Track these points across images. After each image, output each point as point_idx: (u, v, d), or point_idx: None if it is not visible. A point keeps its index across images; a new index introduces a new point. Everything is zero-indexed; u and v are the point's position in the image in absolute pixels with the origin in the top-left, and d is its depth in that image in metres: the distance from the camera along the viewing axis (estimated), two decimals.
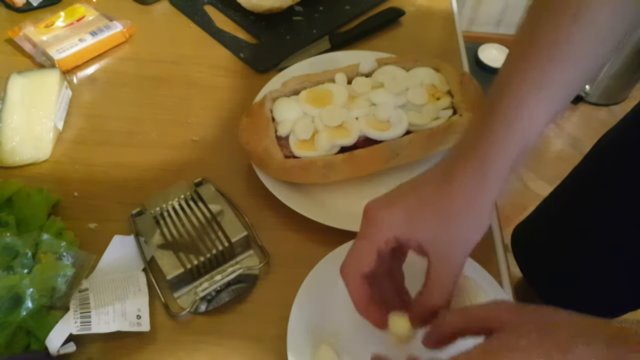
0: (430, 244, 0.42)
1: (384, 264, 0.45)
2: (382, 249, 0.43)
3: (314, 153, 0.62)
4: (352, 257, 0.44)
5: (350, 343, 0.54)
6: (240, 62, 0.82)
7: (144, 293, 0.55)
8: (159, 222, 0.59)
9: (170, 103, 0.76)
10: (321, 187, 0.65)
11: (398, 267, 0.47)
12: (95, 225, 0.62)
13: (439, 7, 0.95)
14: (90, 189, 0.66)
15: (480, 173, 0.42)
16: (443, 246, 0.42)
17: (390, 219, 0.42)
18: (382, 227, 0.43)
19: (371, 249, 0.43)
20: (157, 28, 0.88)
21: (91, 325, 0.51)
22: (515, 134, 0.41)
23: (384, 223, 0.42)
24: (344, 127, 0.63)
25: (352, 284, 0.44)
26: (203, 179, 0.65)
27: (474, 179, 0.42)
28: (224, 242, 0.57)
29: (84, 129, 0.73)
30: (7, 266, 0.53)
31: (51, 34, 0.79)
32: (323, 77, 0.69)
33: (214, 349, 0.54)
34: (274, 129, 0.64)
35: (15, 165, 0.67)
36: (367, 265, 0.43)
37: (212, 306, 0.56)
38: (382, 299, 0.45)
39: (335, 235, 0.59)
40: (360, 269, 0.44)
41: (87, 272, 0.56)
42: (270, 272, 0.60)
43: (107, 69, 0.81)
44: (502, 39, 2.24)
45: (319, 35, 0.86)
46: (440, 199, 0.42)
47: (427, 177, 0.44)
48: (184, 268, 0.55)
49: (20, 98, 0.70)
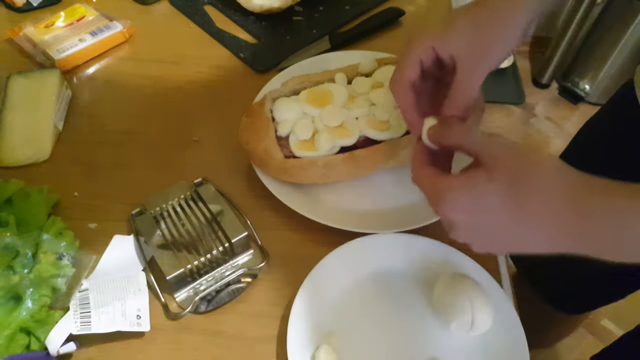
0: (461, 53, 0.47)
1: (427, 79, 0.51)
2: (424, 58, 0.48)
3: (314, 153, 0.62)
4: (399, 68, 0.50)
5: (350, 343, 0.54)
6: (240, 62, 0.82)
7: (144, 293, 0.55)
8: (159, 222, 0.59)
9: (170, 103, 0.76)
10: (321, 187, 0.65)
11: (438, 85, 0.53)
12: (95, 225, 0.62)
13: (439, 7, 0.95)
14: (90, 189, 0.66)
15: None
16: (471, 56, 0.47)
17: (429, 31, 0.49)
18: (422, 37, 0.48)
19: (414, 59, 0.48)
20: (157, 28, 0.88)
21: (91, 325, 0.51)
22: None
23: (424, 35, 0.49)
24: (344, 127, 0.63)
25: (399, 91, 0.50)
26: (203, 179, 0.65)
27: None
28: (224, 242, 0.57)
29: (84, 129, 0.73)
30: (7, 266, 0.53)
31: (51, 34, 0.79)
32: (323, 77, 0.69)
33: (214, 349, 0.54)
34: (274, 129, 0.64)
35: (15, 165, 0.67)
36: (412, 73, 0.49)
37: (212, 306, 0.56)
38: (421, 106, 0.51)
39: (335, 235, 0.59)
40: (406, 77, 0.49)
41: (87, 272, 0.56)
42: (270, 272, 0.60)
43: (107, 69, 0.81)
44: None
45: (319, 35, 0.86)
46: (474, 9, 0.48)
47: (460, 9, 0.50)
48: (184, 268, 0.55)
49: (20, 98, 0.70)
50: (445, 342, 0.55)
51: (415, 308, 0.57)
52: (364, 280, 0.58)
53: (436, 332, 0.55)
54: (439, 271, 0.57)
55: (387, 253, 0.59)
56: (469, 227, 0.41)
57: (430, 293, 0.57)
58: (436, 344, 0.54)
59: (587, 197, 0.38)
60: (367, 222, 0.61)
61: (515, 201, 0.38)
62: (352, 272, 0.58)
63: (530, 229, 0.39)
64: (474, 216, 0.40)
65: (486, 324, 0.52)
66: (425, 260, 0.59)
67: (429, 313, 0.56)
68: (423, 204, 0.64)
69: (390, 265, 0.59)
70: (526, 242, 0.40)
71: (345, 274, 0.58)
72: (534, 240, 0.40)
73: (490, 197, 0.39)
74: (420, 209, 0.64)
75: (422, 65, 0.49)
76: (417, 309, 0.57)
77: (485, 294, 0.53)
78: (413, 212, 0.63)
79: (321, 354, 0.51)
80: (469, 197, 0.40)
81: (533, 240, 0.40)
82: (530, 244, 0.40)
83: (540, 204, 0.38)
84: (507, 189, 0.38)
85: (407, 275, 0.59)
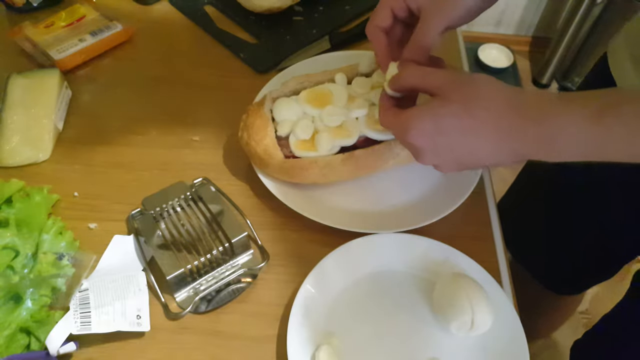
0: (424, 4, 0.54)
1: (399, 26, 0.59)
2: (395, 8, 0.56)
3: (314, 153, 0.62)
4: (373, 15, 0.58)
5: (350, 343, 0.54)
6: (240, 62, 0.82)
7: (144, 293, 0.55)
8: (159, 222, 0.59)
9: (170, 103, 0.76)
10: (321, 187, 0.65)
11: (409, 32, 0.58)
12: (95, 225, 0.62)
13: None
14: (90, 189, 0.66)
15: None
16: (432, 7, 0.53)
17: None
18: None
19: (386, 8, 0.56)
20: (157, 28, 0.88)
21: (91, 325, 0.51)
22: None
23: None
24: (344, 127, 0.63)
25: (373, 35, 0.58)
26: (203, 179, 0.65)
27: None
28: (224, 242, 0.57)
29: (84, 129, 0.73)
30: (7, 266, 0.53)
31: (51, 34, 0.79)
32: (323, 77, 0.69)
33: (214, 349, 0.54)
34: (274, 129, 0.64)
35: (15, 165, 0.67)
36: (383, 20, 0.57)
37: (212, 306, 0.56)
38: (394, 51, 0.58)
39: (335, 235, 0.59)
40: (379, 23, 0.57)
41: (87, 272, 0.56)
42: (270, 272, 0.59)
43: (107, 69, 0.81)
44: (502, 39, 2.24)
45: (319, 35, 0.86)
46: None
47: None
48: (184, 268, 0.55)
49: (20, 98, 0.70)
50: (445, 342, 0.55)
51: (416, 308, 0.57)
52: (364, 280, 0.58)
53: (436, 332, 0.55)
54: (439, 271, 0.57)
55: (387, 253, 0.59)
56: (432, 149, 0.48)
57: (430, 293, 0.57)
58: (436, 344, 0.54)
59: (523, 99, 0.44)
60: (367, 222, 0.61)
61: (467, 114, 0.44)
62: (352, 272, 0.58)
63: (481, 138, 0.45)
64: (435, 137, 0.46)
65: (486, 324, 0.52)
66: (425, 260, 0.59)
67: (429, 313, 0.56)
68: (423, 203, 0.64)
69: (390, 265, 0.59)
70: (479, 153, 0.46)
71: (345, 274, 0.58)
72: (485, 150, 0.46)
73: (447, 118, 0.45)
74: (420, 209, 0.64)
75: (393, 14, 0.56)
76: (417, 309, 0.57)
77: (485, 294, 0.53)
78: (413, 212, 0.63)
79: (321, 354, 0.51)
80: (429, 122, 0.46)
81: (484, 151, 0.46)
82: (482, 155, 0.46)
83: (485, 112, 0.44)
84: (459, 107, 0.45)
85: (407, 275, 0.59)
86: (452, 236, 0.61)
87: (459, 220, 0.64)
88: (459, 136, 0.45)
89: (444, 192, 0.65)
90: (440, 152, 0.48)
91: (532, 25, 2.24)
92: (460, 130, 0.45)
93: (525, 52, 2.28)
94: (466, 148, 0.46)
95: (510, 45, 2.21)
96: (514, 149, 0.44)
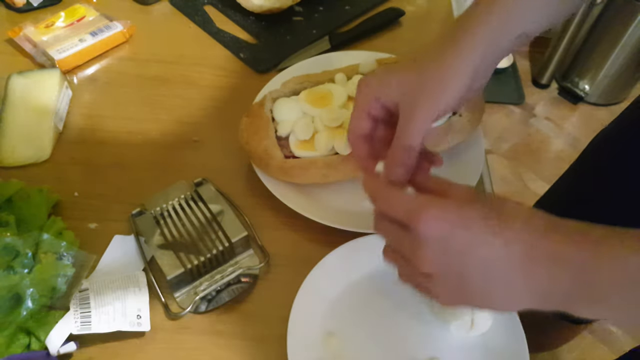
0: (402, 96, 0.46)
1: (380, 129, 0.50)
2: (371, 109, 0.48)
3: (314, 153, 0.62)
4: (351, 122, 0.50)
5: (350, 343, 0.54)
6: (240, 62, 0.82)
7: (144, 293, 0.55)
8: (159, 222, 0.59)
9: (170, 103, 0.76)
10: (321, 187, 0.65)
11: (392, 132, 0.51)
12: (95, 225, 0.62)
13: (439, 7, 0.95)
14: (90, 189, 0.66)
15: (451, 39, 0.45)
16: (411, 103, 0.45)
17: (370, 82, 0.48)
18: (364, 91, 0.48)
19: (362, 112, 0.48)
20: (157, 28, 0.88)
21: (91, 325, 0.51)
22: (483, 25, 0.44)
23: (366, 87, 0.48)
24: (344, 127, 0.63)
25: (353, 143, 0.50)
26: (203, 179, 0.65)
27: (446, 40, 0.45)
28: (224, 242, 0.57)
29: (84, 129, 0.73)
30: (7, 266, 0.53)
31: (51, 34, 0.79)
32: (323, 77, 0.69)
33: (214, 349, 0.54)
34: (274, 129, 0.64)
35: (15, 165, 0.67)
36: (362, 127, 0.49)
37: (212, 306, 0.56)
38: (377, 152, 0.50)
39: (335, 235, 0.59)
40: (358, 130, 0.49)
41: (87, 272, 0.56)
42: (270, 272, 0.60)
43: (107, 69, 0.81)
44: None
45: (319, 35, 0.86)
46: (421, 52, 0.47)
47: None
48: (184, 268, 0.55)
49: (20, 98, 0.70)
50: (445, 342, 0.55)
51: (415, 308, 0.57)
52: (364, 280, 0.58)
53: (436, 332, 0.55)
54: None
55: None
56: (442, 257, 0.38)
57: None
58: (436, 344, 0.54)
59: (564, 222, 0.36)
60: (367, 222, 0.61)
61: (497, 216, 0.37)
62: (352, 272, 0.58)
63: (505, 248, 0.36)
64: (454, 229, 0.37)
65: (486, 324, 0.53)
66: None
67: (428, 313, 0.56)
68: None
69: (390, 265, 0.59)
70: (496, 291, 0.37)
71: (346, 274, 0.58)
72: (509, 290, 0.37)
73: (471, 211, 0.37)
74: None
75: (371, 115, 0.48)
76: (417, 309, 0.57)
77: None
78: None
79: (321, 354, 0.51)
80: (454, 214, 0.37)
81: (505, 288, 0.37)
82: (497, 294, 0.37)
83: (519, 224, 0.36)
84: (487, 208, 0.38)
85: None
86: None
87: None
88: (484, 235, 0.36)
89: None
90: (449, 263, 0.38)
91: None
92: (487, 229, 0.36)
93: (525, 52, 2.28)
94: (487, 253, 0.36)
95: None
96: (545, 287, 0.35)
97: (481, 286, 0.37)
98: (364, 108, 0.48)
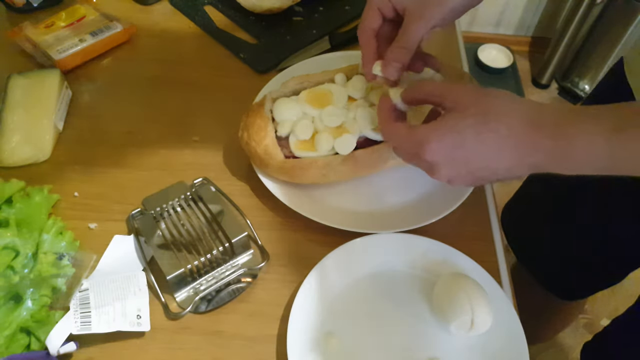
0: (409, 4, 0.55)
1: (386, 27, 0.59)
2: (382, 8, 0.57)
3: (314, 153, 0.62)
4: (363, 18, 0.58)
5: (350, 343, 0.54)
6: (240, 62, 0.82)
7: (144, 293, 0.55)
8: (159, 222, 0.59)
9: (170, 103, 0.76)
10: (321, 187, 0.65)
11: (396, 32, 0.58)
12: (95, 225, 0.62)
13: None
14: (90, 189, 0.66)
15: None
16: (416, 7, 0.54)
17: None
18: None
19: (373, 9, 0.57)
20: (157, 28, 0.88)
21: (91, 325, 0.51)
22: None
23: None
24: (344, 128, 0.63)
25: (363, 39, 0.59)
26: (203, 179, 0.65)
27: None
28: (224, 242, 0.57)
29: (84, 129, 0.73)
30: (7, 266, 0.53)
31: (51, 34, 0.79)
32: (323, 77, 0.69)
33: (214, 349, 0.54)
34: (274, 129, 0.64)
35: (15, 165, 0.67)
36: (373, 21, 0.57)
37: (212, 306, 0.56)
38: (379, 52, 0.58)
39: (335, 235, 0.59)
40: (368, 26, 0.58)
41: (87, 272, 0.56)
42: (270, 272, 0.60)
43: (107, 69, 0.81)
44: (502, 39, 2.24)
45: (319, 35, 0.86)
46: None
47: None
48: (184, 268, 0.55)
49: (20, 98, 0.70)
50: (445, 342, 0.55)
51: (415, 308, 0.57)
52: (364, 280, 0.58)
53: (436, 332, 0.55)
54: (439, 271, 0.57)
55: (387, 253, 0.59)
56: (449, 163, 0.47)
57: (430, 293, 0.57)
58: (436, 344, 0.54)
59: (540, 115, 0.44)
60: (367, 222, 0.61)
61: (486, 127, 0.44)
62: (352, 272, 0.58)
63: (500, 152, 0.45)
64: (453, 151, 0.46)
65: (486, 324, 0.53)
66: (425, 260, 0.59)
67: (429, 313, 0.56)
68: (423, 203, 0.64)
69: (390, 265, 0.59)
70: (496, 167, 0.46)
71: (346, 274, 0.58)
72: (503, 164, 0.45)
73: (466, 131, 0.45)
74: (420, 209, 0.64)
75: (382, 14, 0.57)
76: (417, 309, 0.57)
77: (485, 294, 0.53)
78: (413, 212, 0.63)
79: (321, 354, 0.51)
80: (449, 136, 0.46)
81: (502, 164, 0.45)
82: (499, 168, 0.46)
83: (504, 126, 0.44)
84: (478, 120, 0.45)
85: (407, 275, 0.59)
86: (452, 236, 0.61)
87: (459, 220, 0.64)
88: (477, 149, 0.45)
89: (444, 192, 0.65)
90: (456, 166, 0.47)
91: (531, 25, 2.24)
92: (478, 144, 0.45)
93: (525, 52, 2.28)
94: (483, 162, 0.46)
95: (510, 46, 2.21)
96: (531, 162, 0.44)
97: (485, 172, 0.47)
98: (376, 4, 0.56)
